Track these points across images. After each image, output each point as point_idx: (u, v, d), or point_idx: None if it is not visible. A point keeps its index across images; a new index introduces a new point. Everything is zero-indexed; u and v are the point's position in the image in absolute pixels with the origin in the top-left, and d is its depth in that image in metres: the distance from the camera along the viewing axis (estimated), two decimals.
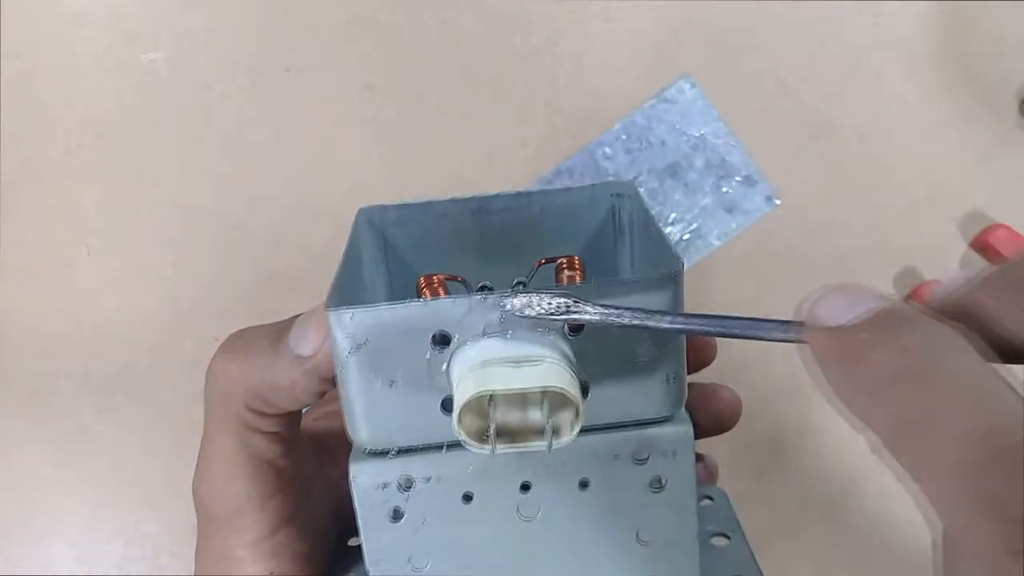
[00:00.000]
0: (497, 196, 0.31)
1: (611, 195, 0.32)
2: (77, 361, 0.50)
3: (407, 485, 0.26)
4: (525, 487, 0.26)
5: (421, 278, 0.30)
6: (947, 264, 0.51)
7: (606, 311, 0.23)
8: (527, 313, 0.23)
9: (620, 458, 0.26)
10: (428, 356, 0.24)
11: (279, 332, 0.28)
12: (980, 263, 0.50)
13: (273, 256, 0.51)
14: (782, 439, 0.49)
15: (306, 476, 0.30)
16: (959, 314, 0.21)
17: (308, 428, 0.31)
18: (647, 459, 0.26)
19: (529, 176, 0.50)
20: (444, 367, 0.24)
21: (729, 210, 0.50)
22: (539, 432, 0.23)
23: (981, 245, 0.50)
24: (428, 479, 0.26)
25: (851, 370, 0.21)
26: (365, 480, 0.26)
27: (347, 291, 0.27)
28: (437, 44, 0.51)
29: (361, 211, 0.31)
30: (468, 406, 0.22)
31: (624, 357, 0.25)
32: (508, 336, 0.24)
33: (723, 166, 0.50)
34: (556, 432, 0.23)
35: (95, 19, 0.52)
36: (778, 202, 0.50)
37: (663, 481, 0.27)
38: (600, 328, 0.24)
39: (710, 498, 0.33)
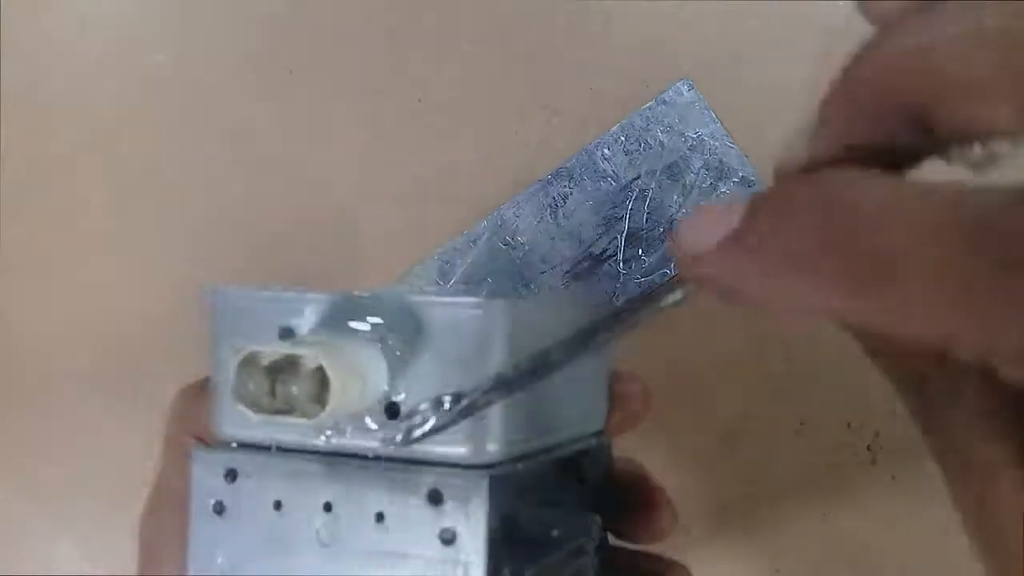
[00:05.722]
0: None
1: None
2: (83, 361, 0.51)
3: (232, 477, 0.27)
4: (328, 507, 0.26)
5: None
6: None
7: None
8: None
9: (416, 495, 0.25)
10: None
11: None
12: None
13: (275, 256, 0.51)
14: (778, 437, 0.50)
15: None
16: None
17: None
18: (441, 503, 0.25)
19: (529, 177, 0.51)
20: None
21: None
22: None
23: None
24: (249, 475, 0.27)
25: (764, 256, 0.17)
26: (201, 464, 0.28)
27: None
28: (438, 46, 0.52)
29: None
30: (244, 365, 0.23)
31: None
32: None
33: (721, 168, 0.51)
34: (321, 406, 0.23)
35: (99, 22, 0.52)
36: None
37: (454, 535, 0.24)
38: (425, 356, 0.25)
39: None
